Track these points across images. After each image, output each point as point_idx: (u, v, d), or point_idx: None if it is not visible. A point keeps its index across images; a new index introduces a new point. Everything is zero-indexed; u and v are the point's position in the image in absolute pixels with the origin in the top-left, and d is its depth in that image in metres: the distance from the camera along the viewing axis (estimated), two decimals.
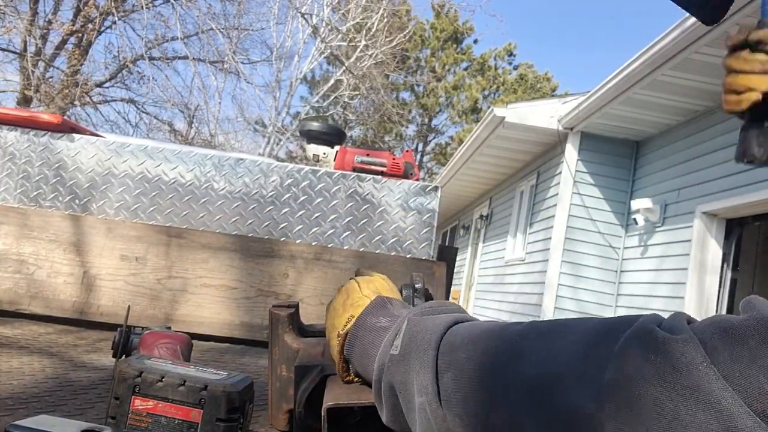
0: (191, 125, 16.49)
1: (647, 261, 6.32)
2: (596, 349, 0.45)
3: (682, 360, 0.39)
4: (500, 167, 9.40)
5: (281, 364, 0.89)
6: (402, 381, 0.59)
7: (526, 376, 0.48)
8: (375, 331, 0.68)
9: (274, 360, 0.91)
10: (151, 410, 0.80)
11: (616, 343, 0.43)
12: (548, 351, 0.49)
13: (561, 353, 0.47)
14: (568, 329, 0.50)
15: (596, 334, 0.47)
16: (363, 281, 0.81)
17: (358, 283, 0.80)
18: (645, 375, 0.40)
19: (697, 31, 4.52)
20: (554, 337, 0.50)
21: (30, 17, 12.04)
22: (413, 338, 0.60)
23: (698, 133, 5.82)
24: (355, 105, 20.25)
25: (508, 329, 0.55)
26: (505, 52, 26.11)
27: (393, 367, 0.61)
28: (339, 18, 16.70)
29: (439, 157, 25.88)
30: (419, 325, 0.62)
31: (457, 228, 13.76)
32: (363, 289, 0.77)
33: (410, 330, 0.62)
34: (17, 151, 1.93)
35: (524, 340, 0.52)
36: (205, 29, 13.52)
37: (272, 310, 0.92)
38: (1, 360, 1.24)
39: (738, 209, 5.16)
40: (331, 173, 1.96)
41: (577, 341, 0.47)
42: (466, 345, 0.56)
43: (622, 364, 0.42)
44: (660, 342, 0.41)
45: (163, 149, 1.96)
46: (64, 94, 13.02)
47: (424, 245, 1.95)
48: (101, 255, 1.78)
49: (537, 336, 0.51)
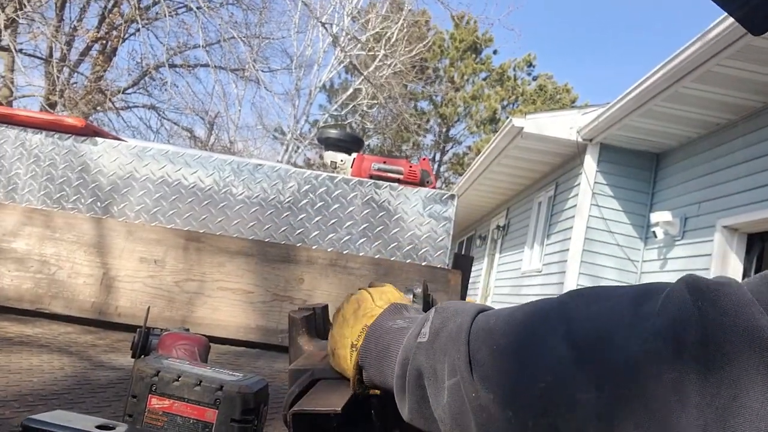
0: (211, 132, 16.66)
1: (666, 275, 6.24)
2: (644, 303, 0.46)
3: (729, 303, 0.40)
4: (518, 178, 9.36)
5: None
6: (431, 366, 0.59)
7: (572, 337, 0.48)
8: (393, 332, 0.67)
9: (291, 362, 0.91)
10: (167, 409, 0.82)
11: (662, 293, 0.45)
12: (593, 311, 0.49)
13: (607, 312, 0.48)
14: (609, 291, 0.50)
15: (641, 291, 0.47)
16: (375, 291, 0.79)
17: (370, 293, 0.79)
18: (695, 319, 0.41)
19: (719, 43, 4.48)
20: (597, 299, 0.50)
21: (56, 24, 12.27)
22: (444, 323, 0.60)
23: (719, 146, 5.75)
24: (374, 114, 20.31)
25: (544, 300, 0.55)
26: (524, 63, 26.06)
27: (421, 355, 0.60)
28: (359, 28, 16.80)
29: (456, 167, 25.84)
30: (448, 310, 0.62)
31: (474, 238, 13.71)
32: (376, 300, 0.76)
33: (440, 316, 0.61)
34: (42, 153, 1.97)
35: (564, 306, 0.51)
36: (226, 37, 13.66)
37: (290, 313, 0.92)
38: (22, 357, 1.26)
39: (759, 224, 5.08)
40: (348, 180, 1.97)
41: (622, 300, 0.48)
42: (500, 321, 0.55)
43: (672, 310, 0.43)
44: (705, 288, 0.42)
45: (183, 154, 1.99)
46: (88, 100, 13.23)
47: (440, 253, 1.95)
48: (121, 257, 1.81)
49: (578, 299, 0.51)
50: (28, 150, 1.97)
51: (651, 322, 0.44)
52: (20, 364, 1.20)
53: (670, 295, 0.44)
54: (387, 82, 16.88)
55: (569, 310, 0.50)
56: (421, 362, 0.60)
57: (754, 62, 4.61)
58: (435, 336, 0.60)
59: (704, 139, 6.06)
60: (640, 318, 0.45)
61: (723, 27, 4.35)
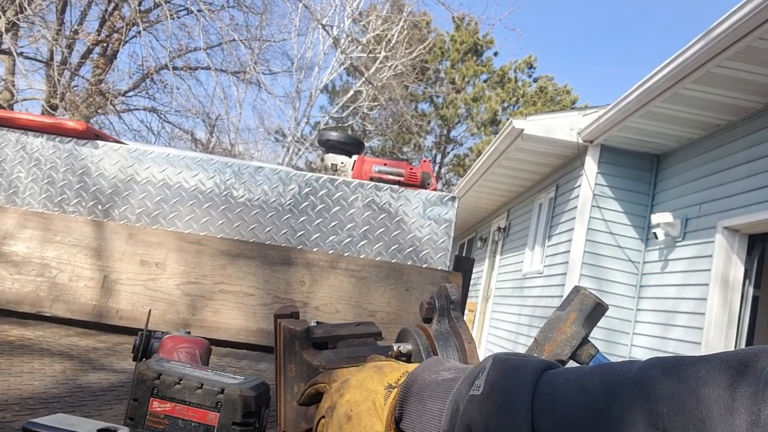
0: (212, 134, 16.68)
1: (668, 276, 6.24)
2: (741, 382, 0.40)
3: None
4: (518, 179, 9.36)
5: (299, 383, 0.86)
6: (484, 424, 0.53)
7: (654, 420, 0.43)
8: (436, 384, 0.61)
9: (289, 377, 0.89)
10: (168, 412, 0.82)
11: (762, 375, 0.39)
12: (679, 391, 0.43)
13: (696, 392, 0.42)
14: (694, 362, 0.44)
15: (735, 365, 0.41)
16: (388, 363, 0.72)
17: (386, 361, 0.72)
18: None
19: (719, 45, 4.48)
20: (679, 370, 0.44)
21: (57, 27, 12.29)
22: (502, 377, 0.54)
23: (720, 148, 5.75)
24: (375, 116, 20.32)
25: (619, 366, 0.50)
26: (525, 65, 26.08)
27: (473, 409, 0.54)
28: (359, 30, 16.82)
29: (457, 169, 25.85)
30: (509, 363, 0.56)
31: (475, 240, 13.71)
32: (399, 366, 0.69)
33: (498, 368, 0.56)
34: (42, 157, 1.97)
35: (644, 377, 0.46)
36: (227, 40, 13.69)
37: (285, 326, 0.89)
38: (23, 361, 1.26)
39: (760, 224, 5.08)
40: (348, 182, 1.97)
41: (713, 374, 0.42)
42: (569, 386, 0.50)
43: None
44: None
45: (184, 157, 1.99)
46: (89, 103, 13.25)
47: (441, 255, 1.95)
48: (122, 260, 1.81)
49: (658, 371, 0.45)
50: (29, 153, 1.97)
51: (755, 411, 0.38)
52: (21, 368, 1.20)
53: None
54: (388, 84, 16.89)
55: (650, 383, 0.45)
56: (473, 417, 0.55)
57: (755, 63, 4.61)
58: (491, 390, 0.54)
59: (705, 140, 6.06)
60: (740, 400, 0.39)
61: (724, 27, 4.36)
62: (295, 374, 0.87)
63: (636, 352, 6.43)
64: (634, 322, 6.64)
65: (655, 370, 0.46)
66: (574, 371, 0.52)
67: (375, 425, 0.63)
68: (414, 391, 0.62)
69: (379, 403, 0.64)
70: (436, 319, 0.92)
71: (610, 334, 6.50)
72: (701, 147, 6.10)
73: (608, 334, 6.47)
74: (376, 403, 0.64)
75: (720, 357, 0.43)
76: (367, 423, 0.63)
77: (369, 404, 0.64)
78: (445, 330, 0.90)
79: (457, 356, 0.87)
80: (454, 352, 0.87)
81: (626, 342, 6.58)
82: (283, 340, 0.89)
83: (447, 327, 0.90)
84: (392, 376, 0.66)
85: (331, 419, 0.67)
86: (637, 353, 6.41)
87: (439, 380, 0.61)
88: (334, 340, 0.92)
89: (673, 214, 6.15)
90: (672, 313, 5.96)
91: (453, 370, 0.63)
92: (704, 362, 0.43)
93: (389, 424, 0.62)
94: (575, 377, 0.51)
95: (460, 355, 0.87)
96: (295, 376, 0.87)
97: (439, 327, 0.91)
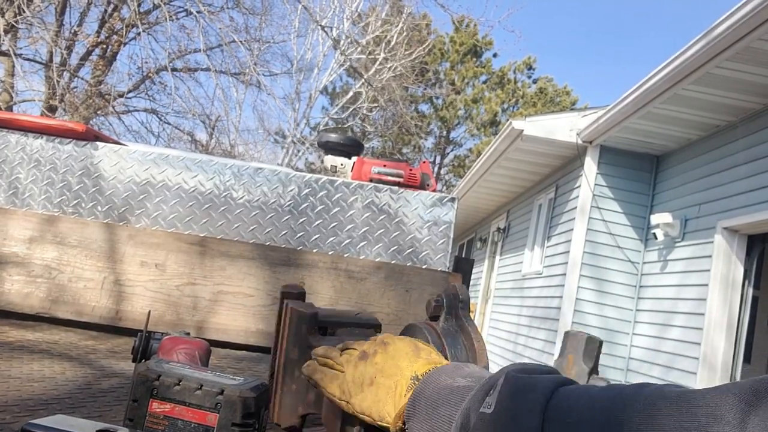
0: (212, 135, 16.68)
1: (667, 276, 6.24)
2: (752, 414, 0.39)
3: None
4: (518, 180, 9.36)
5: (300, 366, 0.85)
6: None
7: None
8: (450, 390, 0.62)
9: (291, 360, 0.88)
10: (168, 413, 0.82)
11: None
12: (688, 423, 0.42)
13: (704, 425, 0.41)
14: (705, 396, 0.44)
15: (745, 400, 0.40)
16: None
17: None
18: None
19: (718, 45, 4.49)
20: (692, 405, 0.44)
21: (56, 28, 12.29)
22: (513, 397, 0.54)
23: (719, 148, 5.75)
24: (374, 117, 20.32)
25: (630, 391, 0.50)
26: (524, 66, 26.09)
27: (483, 428, 0.54)
28: (359, 31, 16.83)
29: (457, 170, 25.86)
30: (520, 382, 0.55)
31: (474, 240, 13.71)
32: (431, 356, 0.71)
33: (509, 387, 0.55)
34: (42, 158, 1.97)
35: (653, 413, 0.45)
36: (227, 41, 13.70)
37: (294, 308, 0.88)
38: (23, 362, 1.26)
39: (760, 225, 5.08)
40: (348, 183, 1.97)
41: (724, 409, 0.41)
42: (579, 408, 0.50)
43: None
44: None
45: (183, 158, 1.99)
46: (88, 104, 13.25)
47: (440, 256, 1.95)
48: (122, 261, 1.81)
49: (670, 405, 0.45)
50: (28, 155, 1.97)
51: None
52: (21, 369, 1.20)
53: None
54: (387, 85, 16.90)
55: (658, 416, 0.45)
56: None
57: (754, 64, 4.62)
58: (501, 409, 0.54)
59: (704, 140, 6.06)
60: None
61: (723, 28, 4.36)
62: (298, 357, 0.86)
63: (635, 353, 6.43)
64: (634, 323, 6.64)
65: (663, 402, 0.45)
66: (584, 394, 0.52)
67: (387, 406, 0.65)
68: (427, 393, 0.63)
69: (401, 390, 0.65)
70: (443, 318, 0.92)
71: (610, 335, 6.50)
72: (701, 148, 6.10)
73: (608, 334, 6.46)
74: (398, 387, 0.66)
75: (732, 390, 0.42)
76: (383, 399, 0.66)
77: (392, 383, 0.66)
78: (452, 328, 0.90)
79: (466, 355, 0.86)
80: (462, 351, 0.87)
81: (626, 342, 6.58)
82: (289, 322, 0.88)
83: (455, 326, 0.90)
84: (421, 365, 0.67)
85: (356, 368, 0.70)
86: (636, 353, 6.41)
87: (454, 387, 0.62)
88: (338, 326, 0.92)
89: (672, 215, 6.15)
90: (671, 314, 5.96)
91: (469, 377, 0.63)
92: (716, 396, 0.43)
93: (399, 416, 0.64)
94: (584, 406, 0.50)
95: (469, 354, 0.86)
96: (298, 359, 0.86)
97: (446, 325, 0.90)
